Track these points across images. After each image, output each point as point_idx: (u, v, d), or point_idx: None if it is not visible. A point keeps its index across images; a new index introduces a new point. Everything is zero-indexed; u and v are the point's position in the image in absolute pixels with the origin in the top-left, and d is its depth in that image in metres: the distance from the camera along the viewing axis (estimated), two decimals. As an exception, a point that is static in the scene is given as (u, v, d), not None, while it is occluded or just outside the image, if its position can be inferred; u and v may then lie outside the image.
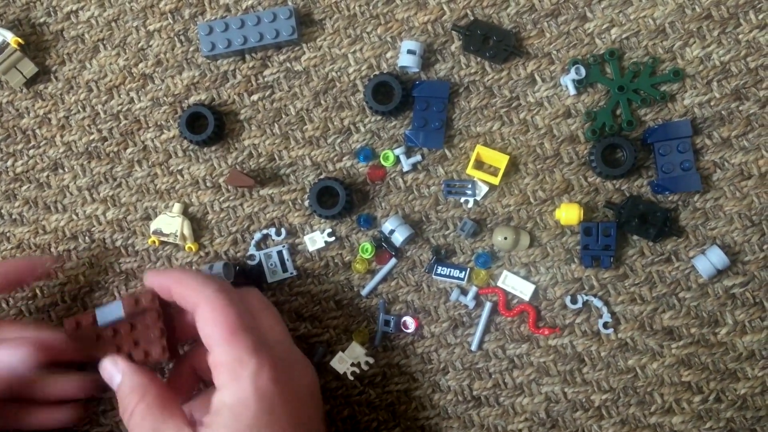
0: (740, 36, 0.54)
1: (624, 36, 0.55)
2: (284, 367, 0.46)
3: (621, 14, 0.55)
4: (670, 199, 0.54)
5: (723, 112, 0.54)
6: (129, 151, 0.59)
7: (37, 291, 0.59)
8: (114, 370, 0.49)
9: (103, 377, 0.49)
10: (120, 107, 0.59)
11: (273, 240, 0.58)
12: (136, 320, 0.49)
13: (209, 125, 0.56)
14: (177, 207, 0.58)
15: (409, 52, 0.55)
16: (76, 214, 0.59)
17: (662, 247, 0.54)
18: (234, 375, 0.44)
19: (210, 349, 0.46)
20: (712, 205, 0.54)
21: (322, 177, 0.57)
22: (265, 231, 0.57)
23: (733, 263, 0.53)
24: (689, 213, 0.54)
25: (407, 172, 0.56)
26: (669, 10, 0.54)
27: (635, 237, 0.54)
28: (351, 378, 0.55)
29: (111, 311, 0.50)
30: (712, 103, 0.54)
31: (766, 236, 0.53)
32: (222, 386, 0.45)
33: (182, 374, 0.52)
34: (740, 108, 0.54)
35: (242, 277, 0.57)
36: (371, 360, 0.56)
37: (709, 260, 0.52)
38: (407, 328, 0.55)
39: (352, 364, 0.56)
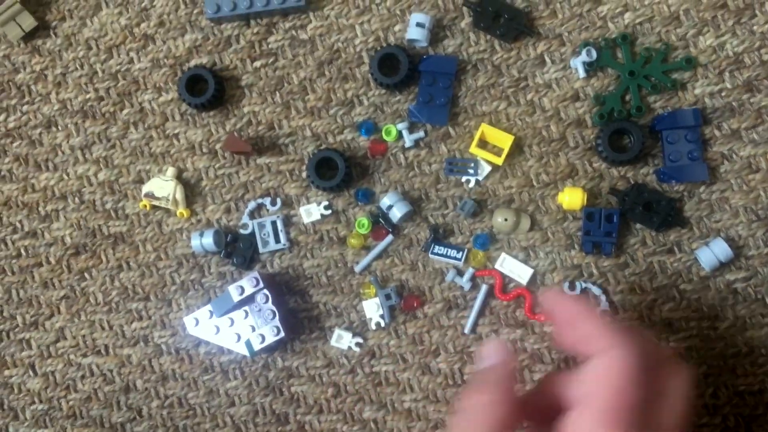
0: (755, 27, 0.53)
1: (637, 21, 0.54)
2: None
3: (635, -1, 0.54)
4: (675, 188, 0.53)
5: (734, 103, 0.53)
6: (125, 112, 0.58)
7: (22, 250, 0.58)
8: (493, 354, 0.40)
9: (483, 351, 0.41)
10: (119, 67, 0.58)
11: (267, 210, 0.56)
12: None
13: (209, 88, 0.55)
14: (171, 171, 0.56)
15: (418, 25, 0.54)
16: (67, 174, 0.58)
17: (665, 237, 0.53)
18: None
19: (574, 410, 0.36)
20: (718, 197, 0.53)
21: (322, 148, 0.56)
22: (260, 200, 0.56)
23: (736, 257, 0.52)
24: (694, 204, 0.53)
25: (409, 148, 0.55)
26: (684, -2, 0.54)
27: (638, 225, 0.53)
28: (356, 349, 0.54)
29: None
30: (723, 94, 0.53)
31: (771, 231, 0.52)
32: None
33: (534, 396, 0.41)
34: (751, 100, 0.53)
35: (233, 246, 0.55)
36: (360, 340, 0.54)
37: (713, 252, 0.51)
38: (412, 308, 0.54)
39: (354, 335, 0.54)
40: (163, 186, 0.56)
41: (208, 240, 0.55)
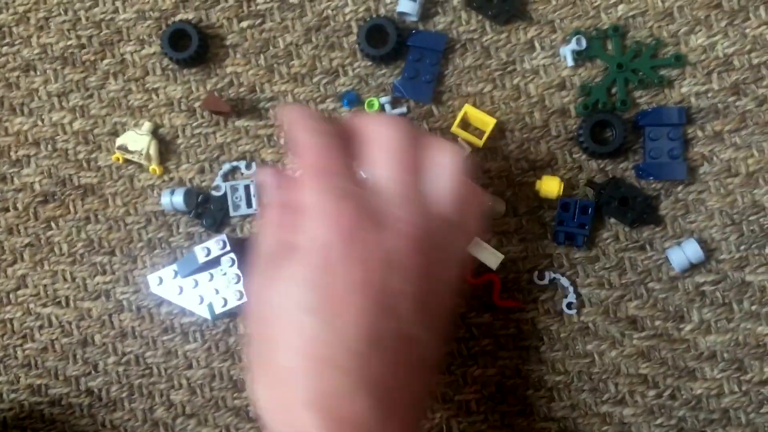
0: (747, 30, 0.52)
1: (630, 13, 0.53)
2: (367, 215, 0.39)
3: (630, -8, 0.53)
4: (653, 186, 0.53)
5: (719, 105, 0.52)
6: (106, 62, 0.56)
7: (-11, 194, 0.56)
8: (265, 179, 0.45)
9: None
10: (103, 16, 0.57)
11: (242, 173, 0.55)
12: None
13: (192, 44, 0.54)
14: (147, 125, 0.55)
15: (410, -2, 0.53)
16: (42, 120, 0.57)
17: (638, 234, 0.53)
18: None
19: None
20: (695, 198, 0.52)
21: (301, 116, 0.55)
22: (235, 163, 0.55)
23: (707, 260, 0.52)
24: (670, 203, 0.52)
25: (390, 123, 0.54)
26: (679, -5, 0.53)
27: (612, 220, 0.53)
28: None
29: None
30: (709, 95, 0.52)
31: (744, 237, 0.52)
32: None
33: None
34: (737, 103, 0.52)
35: (204, 207, 0.55)
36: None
37: (684, 252, 0.51)
38: None
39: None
40: (137, 140, 0.55)
41: (179, 198, 0.54)
